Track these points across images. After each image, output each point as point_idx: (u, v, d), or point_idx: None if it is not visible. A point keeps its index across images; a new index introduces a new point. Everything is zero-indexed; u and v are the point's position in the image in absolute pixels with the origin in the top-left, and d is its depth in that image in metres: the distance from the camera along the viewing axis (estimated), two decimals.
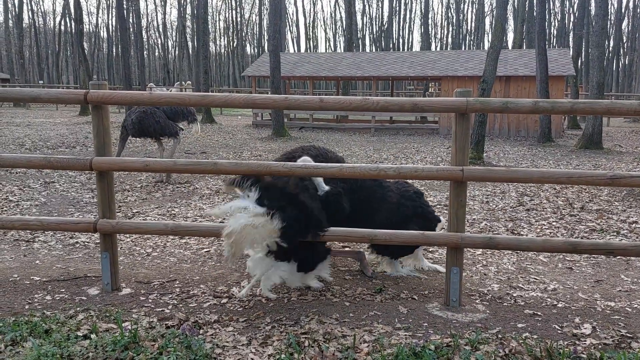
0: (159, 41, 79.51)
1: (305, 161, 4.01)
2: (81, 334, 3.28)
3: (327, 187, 4.13)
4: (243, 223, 3.54)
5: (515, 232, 6.24)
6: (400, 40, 73.20)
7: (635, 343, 3.32)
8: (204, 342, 3.18)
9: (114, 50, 68.00)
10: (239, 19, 77.58)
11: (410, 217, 4.44)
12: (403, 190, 4.58)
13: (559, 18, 56.06)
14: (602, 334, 3.45)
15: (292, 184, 3.90)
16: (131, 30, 38.75)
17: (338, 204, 4.16)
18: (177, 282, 4.40)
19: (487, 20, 69.43)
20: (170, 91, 21.96)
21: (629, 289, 4.41)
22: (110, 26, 70.47)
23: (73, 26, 36.54)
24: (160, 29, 77.52)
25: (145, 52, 60.27)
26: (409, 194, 4.56)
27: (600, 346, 3.27)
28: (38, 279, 4.40)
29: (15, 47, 41.16)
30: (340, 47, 78.22)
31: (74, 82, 59.90)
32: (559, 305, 4.00)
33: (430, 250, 5.45)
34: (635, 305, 4.01)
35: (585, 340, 3.35)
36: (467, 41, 72.38)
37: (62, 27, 65.08)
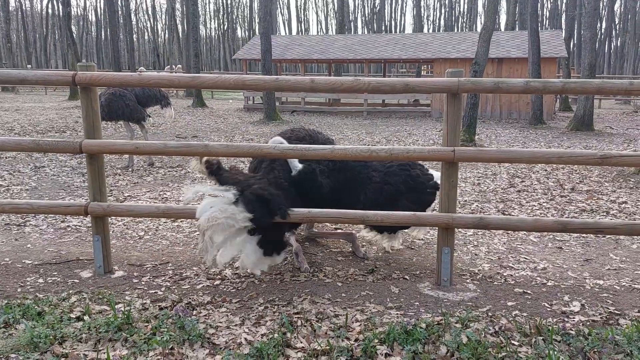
0: (149, 24, 78.71)
1: (277, 142, 4.08)
2: (74, 316, 3.29)
3: (300, 166, 4.14)
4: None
5: (506, 213, 6.29)
6: (393, 23, 72.85)
7: (622, 319, 3.37)
8: (197, 323, 3.19)
9: (103, 34, 67.28)
10: (229, 2, 76.80)
11: (400, 193, 4.35)
12: (387, 166, 4.43)
13: None
14: (591, 311, 3.50)
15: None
16: (120, 13, 38.27)
17: (313, 181, 4.16)
18: (170, 264, 4.41)
19: (480, 2, 69.17)
20: None
21: (618, 267, 4.47)
22: (98, 9, 69.64)
23: (60, 9, 35.98)
24: (150, 12, 76.76)
25: (134, 36, 59.67)
26: (392, 169, 4.41)
27: (588, 323, 3.32)
28: (30, 262, 4.39)
29: (2, 31, 40.53)
30: (332, 30, 77.73)
31: (63, 66, 59.27)
32: (549, 283, 4.05)
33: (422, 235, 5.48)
34: (624, 283, 4.07)
35: (574, 317, 3.40)
36: (460, 23, 72.11)
37: (50, 10, 64.25)
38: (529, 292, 3.85)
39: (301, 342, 3.02)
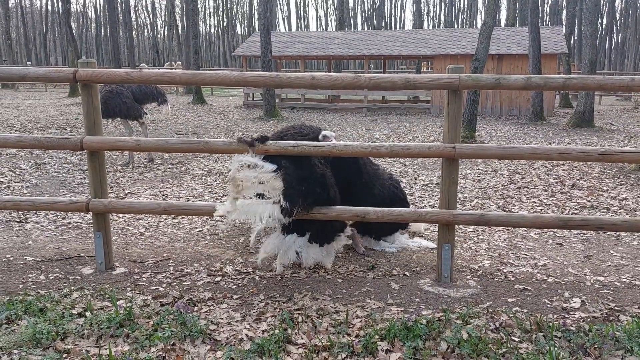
0: (148, 21, 78.59)
1: (327, 137, 4.15)
2: (76, 312, 3.30)
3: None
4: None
5: (507, 209, 6.29)
6: (392, 19, 72.75)
7: (623, 316, 3.38)
8: (199, 319, 3.20)
9: (103, 31, 67.18)
10: None
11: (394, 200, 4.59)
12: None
13: None
14: (591, 308, 3.51)
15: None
16: (119, 9, 38.20)
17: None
18: (171, 261, 4.42)
19: None
20: None
21: (618, 263, 4.48)
22: (98, 5, 69.53)
23: (60, 6, 35.93)
24: (149, 9, 76.57)
25: (134, 32, 59.59)
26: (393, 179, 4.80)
27: (589, 319, 3.33)
28: (31, 259, 4.40)
29: (1, 28, 40.39)
30: (331, 26, 77.66)
31: (63, 63, 59.12)
32: (549, 280, 4.06)
33: (422, 227, 5.48)
34: (624, 280, 4.07)
35: (574, 314, 3.41)
36: (460, 19, 71.94)
37: (49, 7, 64.20)
38: (529, 288, 3.85)
39: (302, 338, 3.03)
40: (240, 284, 3.92)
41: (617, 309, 3.50)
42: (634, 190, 7.24)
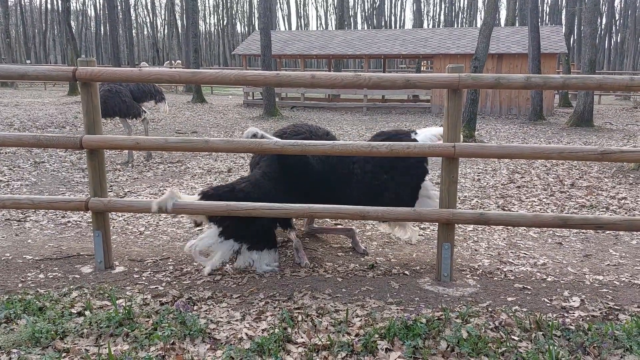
0: (148, 19, 78.58)
1: (251, 132, 4.17)
2: (75, 311, 3.30)
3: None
4: None
5: (506, 208, 6.30)
6: (392, 18, 72.74)
7: (622, 315, 3.38)
8: (198, 318, 3.20)
9: (102, 29, 67.12)
10: None
11: (380, 179, 4.30)
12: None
13: None
14: (590, 307, 3.51)
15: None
16: (119, 8, 38.15)
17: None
18: (171, 260, 4.42)
19: None
20: None
21: (617, 263, 4.48)
22: (97, 4, 69.41)
23: (59, 4, 35.94)
24: (149, 7, 76.48)
25: (133, 31, 59.52)
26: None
27: (588, 318, 3.33)
28: (30, 257, 4.40)
29: (1, 26, 40.33)
30: (331, 25, 77.63)
31: (62, 62, 59.08)
32: (549, 279, 4.06)
33: (422, 227, 5.49)
34: (623, 279, 4.08)
35: (573, 313, 3.41)
36: (460, 18, 71.94)
37: (49, 5, 64.15)
38: (528, 287, 3.86)
39: (302, 337, 3.03)
40: (240, 283, 3.92)
41: (616, 308, 3.50)
42: (632, 189, 7.25)
